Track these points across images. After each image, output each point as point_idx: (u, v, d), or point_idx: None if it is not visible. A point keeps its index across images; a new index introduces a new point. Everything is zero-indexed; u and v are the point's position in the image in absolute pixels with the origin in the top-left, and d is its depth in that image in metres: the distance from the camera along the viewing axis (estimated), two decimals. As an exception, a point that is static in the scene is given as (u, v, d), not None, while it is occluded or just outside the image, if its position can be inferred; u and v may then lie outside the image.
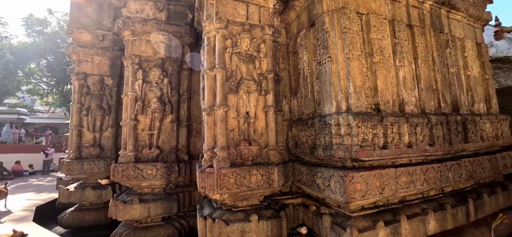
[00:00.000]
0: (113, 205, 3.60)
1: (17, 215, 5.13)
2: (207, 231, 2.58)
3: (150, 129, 3.91)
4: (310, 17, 3.07)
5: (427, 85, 3.11)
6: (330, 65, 2.65)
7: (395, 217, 2.51)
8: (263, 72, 3.05)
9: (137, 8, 4.01)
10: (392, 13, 3.04)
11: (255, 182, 2.67)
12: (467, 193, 3.14)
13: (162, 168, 3.76)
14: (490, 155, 3.27)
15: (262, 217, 2.65)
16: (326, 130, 2.61)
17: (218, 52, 2.86)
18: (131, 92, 3.86)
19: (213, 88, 2.84)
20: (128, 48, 3.97)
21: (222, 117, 2.73)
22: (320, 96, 2.87)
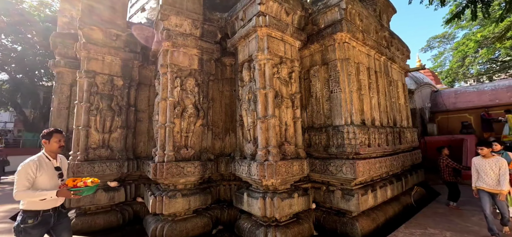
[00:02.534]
0: (158, 200, 3.92)
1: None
2: (266, 207, 3.53)
3: (187, 131, 4.41)
4: (323, 59, 4.51)
5: (384, 108, 5.08)
6: (340, 94, 4.15)
7: (373, 187, 4.20)
8: (293, 93, 4.26)
9: (177, 22, 4.46)
10: (368, 63, 4.87)
11: (295, 170, 3.83)
12: (400, 175, 5.27)
13: (198, 166, 4.33)
14: (410, 152, 5.56)
15: (299, 195, 3.83)
16: (339, 135, 4.06)
17: (268, 77, 3.88)
18: (171, 97, 4.27)
19: (264, 103, 3.84)
20: (167, 58, 4.36)
21: (273, 125, 3.77)
22: (330, 112, 4.33)
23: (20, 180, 2.15)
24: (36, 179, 2.23)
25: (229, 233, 4.34)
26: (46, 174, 2.29)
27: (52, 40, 5.50)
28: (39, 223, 2.22)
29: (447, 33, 26.30)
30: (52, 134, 2.42)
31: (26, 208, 2.19)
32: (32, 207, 2.20)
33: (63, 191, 2.26)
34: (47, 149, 2.41)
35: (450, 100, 10.58)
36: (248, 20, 4.24)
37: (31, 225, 2.18)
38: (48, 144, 2.41)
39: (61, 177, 2.45)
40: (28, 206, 2.20)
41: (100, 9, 4.88)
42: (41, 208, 2.23)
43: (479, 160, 3.67)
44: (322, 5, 4.49)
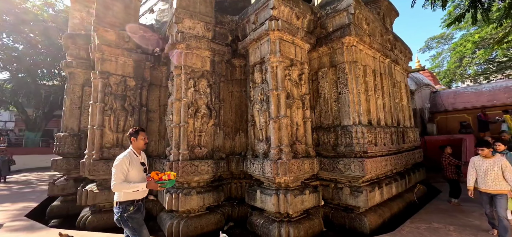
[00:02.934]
0: (174, 198, 4.06)
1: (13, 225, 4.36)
2: (280, 203, 3.70)
3: (200, 131, 4.55)
4: (331, 61, 4.68)
5: (388, 109, 5.28)
6: (349, 95, 4.33)
7: (380, 185, 4.39)
8: (303, 94, 4.43)
9: (190, 25, 4.60)
10: (374, 65, 5.05)
11: (306, 168, 4.01)
12: (404, 172, 5.48)
13: (212, 164, 4.49)
14: (412, 151, 5.77)
15: (310, 192, 4.01)
16: (347, 135, 4.24)
17: (280, 78, 4.05)
18: (185, 98, 4.41)
19: (277, 103, 4.00)
20: (181, 59, 4.49)
21: (286, 124, 3.94)
22: (338, 113, 4.51)
23: (117, 173, 2.42)
24: (128, 173, 2.47)
25: (240, 229, 4.50)
26: (135, 169, 2.55)
27: (64, 41, 5.60)
28: (137, 209, 2.49)
29: (445, 34, 26.68)
30: (138, 133, 2.67)
31: (123, 199, 2.47)
32: (128, 198, 2.48)
33: (152, 183, 2.50)
34: (134, 146, 2.66)
35: (449, 101, 10.84)
36: (260, 24, 4.39)
37: (133, 211, 2.48)
38: (135, 141, 2.65)
39: (145, 171, 2.70)
40: (124, 197, 2.47)
41: (113, 11, 5.00)
42: (135, 198, 2.51)
43: (479, 161, 3.56)
44: (330, 9, 4.66)
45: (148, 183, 2.49)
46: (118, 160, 2.48)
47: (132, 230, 2.50)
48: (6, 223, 4.40)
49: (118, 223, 2.52)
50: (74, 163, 5.48)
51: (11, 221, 4.53)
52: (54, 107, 15.75)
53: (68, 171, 5.46)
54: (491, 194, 3.42)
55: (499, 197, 3.34)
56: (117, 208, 2.49)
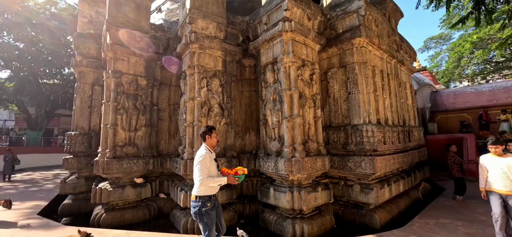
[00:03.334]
0: (189, 195, 4.15)
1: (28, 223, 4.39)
2: (294, 200, 3.80)
3: (213, 130, 4.63)
4: (341, 61, 4.79)
5: (394, 109, 5.40)
6: (359, 95, 4.44)
7: (388, 182, 4.51)
8: (314, 93, 4.53)
9: (203, 25, 4.66)
10: (381, 66, 5.17)
11: (318, 166, 4.11)
12: (410, 170, 5.62)
13: (225, 162, 4.57)
14: (417, 150, 5.91)
15: (322, 189, 4.12)
16: (358, 133, 4.35)
17: (293, 79, 4.14)
18: (198, 97, 4.49)
19: (290, 103, 4.09)
20: (194, 59, 4.56)
21: (299, 123, 4.03)
22: (348, 112, 4.62)
23: (202, 169, 2.51)
24: (209, 168, 2.58)
25: (251, 226, 4.59)
26: (213, 164, 2.65)
27: (74, 40, 5.62)
28: (213, 205, 2.58)
29: (443, 34, 26.97)
30: (212, 130, 2.77)
31: (203, 194, 2.54)
32: (207, 193, 2.56)
33: (231, 177, 2.62)
34: (208, 143, 2.74)
35: (449, 100, 11.03)
36: (272, 25, 4.47)
37: (210, 207, 2.56)
38: (210, 139, 2.75)
39: (217, 167, 2.80)
40: (204, 192, 2.54)
41: (125, 11, 5.04)
42: (212, 193, 2.61)
43: (490, 159, 3.28)
44: (340, 11, 4.76)
45: (228, 177, 2.61)
46: (200, 157, 2.55)
47: (205, 225, 2.57)
48: (20, 221, 4.44)
49: (195, 216, 2.60)
50: (85, 161, 5.52)
51: (25, 219, 4.57)
52: (55, 106, 15.67)
53: (79, 169, 5.50)
54: (503, 196, 3.11)
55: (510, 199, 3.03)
56: (196, 202, 2.56)
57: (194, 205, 2.56)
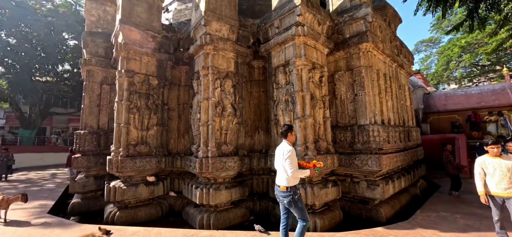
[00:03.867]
0: (205, 193, 4.28)
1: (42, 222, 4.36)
2: (308, 195, 4.01)
3: (226, 129, 4.78)
4: (348, 65, 5.04)
5: (396, 110, 5.72)
6: (365, 97, 4.70)
7: (392, 179, 4.81)
8: (323, 95, 4.75)
9: (217, 27, 4.79)
10: (384, 69, 5.47)
11: (328, 164, 4.34)
12: (409, 168, 5.95)
13: (237, 161, 4.73)
14: (415, 149, 6.27)
15: (332, 185, 4.35)
16: (364, 133, 4.61)
17: (305, 81, 4.35)
18: (213, 97, 4.62)
19: (302, 104, 4.30)
20: (208, 60, 4.69)
21: (311, 123, 4.25)
22: (354, 113, 4.88)
23: (293, 162, 2.83)
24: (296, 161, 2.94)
25: (261, 223, 4.76)
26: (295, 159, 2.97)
27: (83, 38, 5.61)
28: (300, 194, 3.00)
29: (433, 37, 28.05)
30: (292, 128, 3.14)
31: (292, 184, 2.88)
32: (295, 183, 2.91)
33: (312, 170, 2.92)
34: (289, 139, 3.07)
35: (441, 102, 11.59)
36: (284, 29, 4.66)
37: (299, 195, 2.93)
38: (291, 136, 3.07)
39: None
40: (293, 183, 2.89)
41: (138, 11, 5.10)
42: (296, 184, 2.93)
43: (489, 161, 3.08)
44: (348, 17, 5.01)
45: (310, 170, 2.91)
46: (289, 152, 2.85)
47: (301, 210, 2.90)
48: (32, 220, 4.43)
49: (289, 204, 2.90)
50: (94, 160, 5.53)
51: (36, 218, 4.55)
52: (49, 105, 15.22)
53: (88, 168, 5.49)
54: (503, 198, 2.95)
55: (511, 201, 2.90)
56: (287, 192, 2.86)
57: (286, 195, 2.88)
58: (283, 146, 2.96)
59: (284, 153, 2.87)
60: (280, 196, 2.94)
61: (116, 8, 6.60)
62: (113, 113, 5.84)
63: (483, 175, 3.13)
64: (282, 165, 2.89)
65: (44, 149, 13.79)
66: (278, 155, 3.00)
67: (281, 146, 3.02)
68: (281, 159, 2.90)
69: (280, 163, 2.93)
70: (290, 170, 2.79)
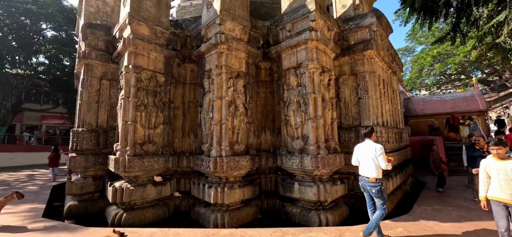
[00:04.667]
0: (219, 191, 4.28)
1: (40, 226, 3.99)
2: (320, 192, 4.22)
3: (238, 128, 4.82)
4: (352, 70, 5.37)
5: (391, 113, 6.21)
6: (369, 100, 5.06)
7: (390, 176, 5.22)
8: (331, 97, 5.02)
9: (231, 27, 4.81)
10: (383, 75, 5.91)
11: (337, 162, 4.60)
12: (400, 167, 6.48)
13: (249, 160, 4.79)
14: (405, 149, 6.84)
15: (340, 182, 4.62)
16: (368, 134, 4.95)
17: (317, 83, 4.56)
18: (226, 97, 4.63)
19: (314, 105, 4.50)
20: (222, 59, 4.70)
21: (322, 124, 4.47)
22: (358, 115, 5.21)
23: (385, 158, 3.35)
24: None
25: (268, 220, 4.90)
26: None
27: (82, 30, 5.25)
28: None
29: (408, 47, 30.44)
30: (374, 129, 3.69)
31: (380, 176, 3.39)
32: (381, 176, 3.38)
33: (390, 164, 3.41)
34: (372, 139, 3.60)
35: (419, 107, 12.67)
36: (296, 32, 4.84)
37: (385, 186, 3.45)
38: (374, 136, 3.67)
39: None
40: (380, 175, 3.39)
41: (147, 5, 4.93)
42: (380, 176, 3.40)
43: (494, 163, 2.83)
44: (353, 25, 5.34)
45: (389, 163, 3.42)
46: (381, 148, 3.39)
47: (384, 199, 3.35)
48: (28, 225, 4.06)
49: (376, 194, 3.35)
50: (93, 159, 5.19)
51: (32, 222, 4.19)
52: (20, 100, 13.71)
53: (85, 168, 5.14)
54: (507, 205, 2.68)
55: None
56: (377, 183, 3.35)
57: (375, 185, 3.36)
58: (372, 144, 3.49)
59: (376, 149, 3.37)
60: (368, 186, 3.43)
61: (115, 0, 6.29)
62: (112, 110, 5.59)
63: (487, 179, 2.89)
64: (373, 160, 3.36)
65: (15, 148, 12.45)
66: (367, 151, 3.47)
67: (369, 144, 3.52)
68: (373, 154, 3.38)
69: (371, 158, 3.40)
70: (385, 163, 3.32)
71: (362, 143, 3.67)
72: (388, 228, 3.68)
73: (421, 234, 3.48)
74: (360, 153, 3.61)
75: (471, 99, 10.89)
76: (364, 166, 3.50)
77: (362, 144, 3.67)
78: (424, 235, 3.48)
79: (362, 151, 3.58)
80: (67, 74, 13.72)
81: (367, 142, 3.57)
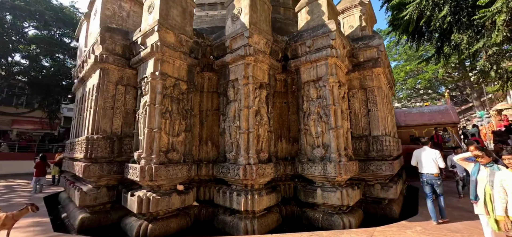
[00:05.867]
0: (249, 199, 4.37)
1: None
2: (343, 197, 4.53)
3: (262, 137, 5.00)
4: (361, 84, 5.92)
5: (391, 124, 6.88)
6: (378, 112, 5.61)
7: (396, 181, 5.76)
8: (346, 109, 5.47)
9: (257, 40, 5.05)
10: (385, 90, 6.58)
11: (355, 169, 5.01)
12: (399, 173, 7.14)
13: (273, 167, 4.98)
14: (401, 157, 7.56)
15: (358, 188, 5.01)
16: (378, 143, 5.47)
17: (336, 96, 4.98)
18: (253, 106, 4.82)
19: (335, 116, 4.89)
20: (249, 70, 4.90)
21: (343, 133, 4.86)
22: (368, 125, 5.73)
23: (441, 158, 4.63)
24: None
25: (287, 226, 5.09)
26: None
27: (101, 33, 5.07)
28: None
29: (384, 63, 33.27)
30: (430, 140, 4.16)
31: (438, 172, 4.60)
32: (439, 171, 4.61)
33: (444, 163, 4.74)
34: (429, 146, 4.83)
35: (401, 118, 13.94)
36: (316, 49, 5.25)
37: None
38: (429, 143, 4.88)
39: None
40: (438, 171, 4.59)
41: (174, 14, 4.98)
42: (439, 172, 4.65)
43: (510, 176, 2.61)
44: (363, 44, 5.93)
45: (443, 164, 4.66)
46: (439, 153, 4.63)
47: (442, 188, 4.57)
48: (43, 240, 3.73)
49: (438, 185, 4.57)
50: (107, 168, 4.93)
51: (46, 237, 3.85)
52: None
53: (99, 177, 4.85)
54: None
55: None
56: (438, 177, 4.58)
57: (438, 178, 4.56)
58: (431, 150, 4.72)
59: (436, 153, 4.63)
60: (432, 180, 4.57)
61: (130, 5, 6.20)
62: (127, 116, 5.43)
63: (505, 196, 2.57)
64: (434, 161, 4.58)
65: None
66: (428, 155, 4.68)
67: (429, 150, 4.74)
68: (434, 157, 4.60)
69: (431, 159, 4.60)
70: (443, 163, 4.56)
71: (421, 149, 4.84)
72: (408, 227, 4.11)
73: (437, 231, 3.95)
74: (420, 157, 4.76)
75: (445, 112, 12.36)
76: (427, 166, 4.63)
77: (420, 150, 4.84)
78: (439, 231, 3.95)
79: (422, 155, 4.74)
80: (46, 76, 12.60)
81: (426, 148, 4.77)
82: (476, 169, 3.11)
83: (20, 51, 11.86)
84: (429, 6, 6.15)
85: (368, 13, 6.57)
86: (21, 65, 12.37)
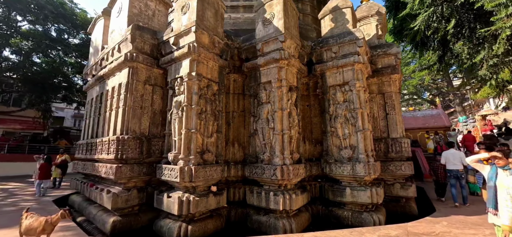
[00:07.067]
0: (287, 199, 4.47)
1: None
2: (373, 195, 4.79)
3: (294, 138, 5.14)
4: (379, 89, 6.29)
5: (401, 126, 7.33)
6: (396, 116, 5.99)
7: (411, 181, 6.15)
8: (369, 112, 5.78)
9: (288, 45, 5.21)
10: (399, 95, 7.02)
11: (380, 168, 5.31)
12: (407, 173, 7.60)
13: (303, 167, 5.14)
14: (408, 157, 8.06)
15: (382, 186, 5.30)
16: (397, 144, 5.83)
17: (363, 99, 5.27)
18: (286, 108, 4.96)
19: (362, 119, 5.17)
20: (282, 73, 5.04)
21: (369, 135, 5.15)
22: (386, 128, 6.10)
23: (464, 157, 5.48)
24: None
25: (313, 225, 5.26)
26: None
27: (131, 32, 4.96)
28: None
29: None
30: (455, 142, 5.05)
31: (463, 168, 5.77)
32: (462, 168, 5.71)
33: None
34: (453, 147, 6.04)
35: (396, 122, 14.72)
36: (342, 55, 5.53)
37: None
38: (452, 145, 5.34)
39: None
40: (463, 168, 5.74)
41: (208, 16, 5.02)
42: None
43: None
44: (381, 52, 6.32)
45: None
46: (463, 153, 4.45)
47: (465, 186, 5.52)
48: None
49: (462, 179, 5.76)
50: (138, 170, 4.82)
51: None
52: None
53: (129, 179, 4.71)
54: None
55: None
56: (463, 172, 5.75)
57: (463, 173, 5.77)
58: (456, 151, 5.96)
59: (461, 154, 5.85)
60: (458, 174, 5.76)
61: (156, 4, 6.12)
62: (155, 116, 5.35)
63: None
64: (460, 159, 5.79)
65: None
66: (455, 154, 5.91)
67: (455, 151, 6.00)
68: (459, 156, 5.82)
69: (458, 158, 5.82)
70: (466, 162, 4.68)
71: (448, 151, 6.08)
72: (435, 223, 4.44)
73: (460, 225, 4.31)
74: (448, 156, 5.95)
75: (437, 117, 13.31)
76: (455, 163, 5.80)
77: (448, 151, 6.08)
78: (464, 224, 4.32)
79: (450, 154, 5.95)
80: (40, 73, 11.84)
81: (452, 150, 6.03)
82: (494, 172, 2.78)
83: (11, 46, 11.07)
84: (437, 18, 6.68)
85: (383, 23, 7.01)
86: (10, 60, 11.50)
